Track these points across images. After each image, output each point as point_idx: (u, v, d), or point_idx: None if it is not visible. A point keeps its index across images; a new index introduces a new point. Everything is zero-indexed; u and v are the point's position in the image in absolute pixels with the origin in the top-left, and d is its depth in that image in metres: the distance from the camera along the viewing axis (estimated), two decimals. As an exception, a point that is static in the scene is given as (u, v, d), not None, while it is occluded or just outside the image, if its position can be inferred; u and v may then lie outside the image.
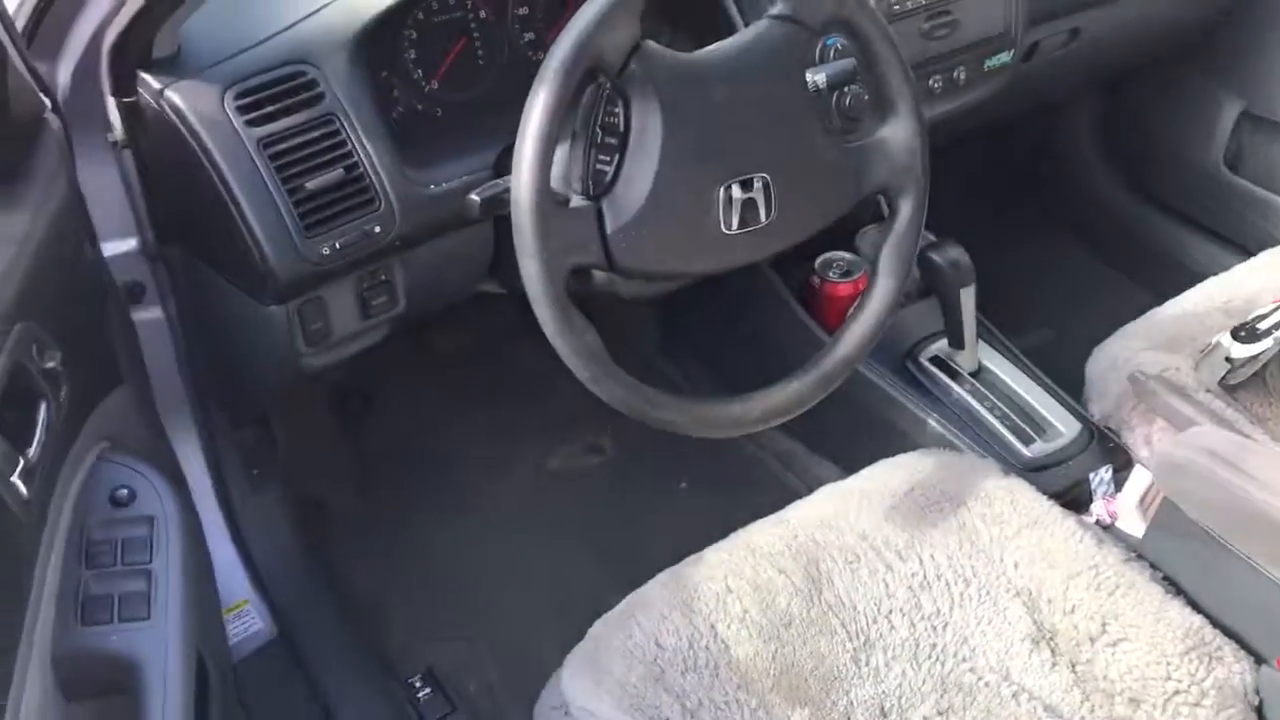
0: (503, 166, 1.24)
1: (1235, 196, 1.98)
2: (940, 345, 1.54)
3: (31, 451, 0.90)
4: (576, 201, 1.04)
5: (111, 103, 1.19)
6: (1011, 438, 1.43)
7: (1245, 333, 1.38)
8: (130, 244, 1.30)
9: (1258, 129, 1.95)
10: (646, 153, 1.01)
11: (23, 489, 0.86)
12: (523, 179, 0.97)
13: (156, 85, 1.15)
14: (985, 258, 1.48)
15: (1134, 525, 1.27)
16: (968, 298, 1.46)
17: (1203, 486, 1.12)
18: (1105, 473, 1.36)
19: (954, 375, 1.51)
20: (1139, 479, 1.35)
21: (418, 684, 1.54)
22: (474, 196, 1.08)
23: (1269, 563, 1.07)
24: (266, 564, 1.52)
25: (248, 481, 1.56)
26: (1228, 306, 1.47)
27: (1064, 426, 1.44)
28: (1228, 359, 1.37)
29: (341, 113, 1.16)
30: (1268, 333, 1.38)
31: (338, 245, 1.15)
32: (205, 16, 1.14)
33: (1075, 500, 1.36)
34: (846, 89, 1.27)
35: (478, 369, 1.94)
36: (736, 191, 1.04)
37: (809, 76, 1.11)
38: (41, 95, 1.15)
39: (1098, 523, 1.29)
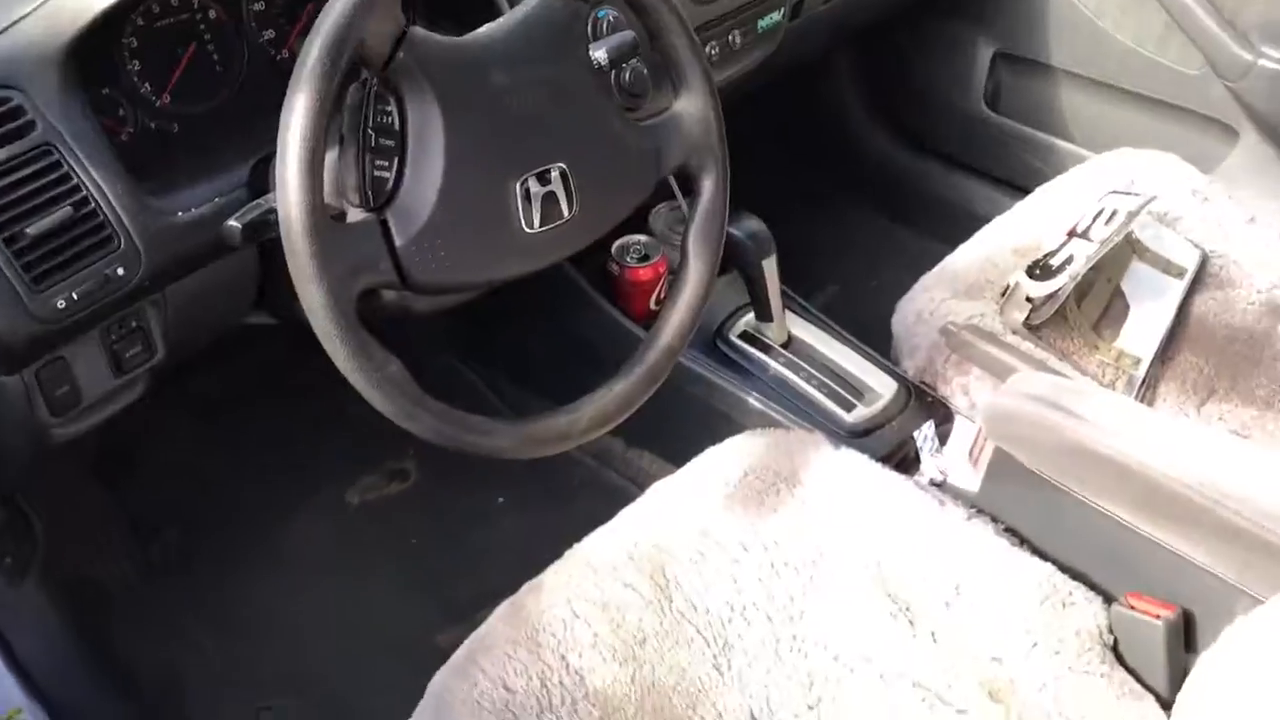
0: (259, 183, 1.10)
1: (999, 135, 2.03)
2: (747, 319, 1.50)
3: None
4: (355, 215, 0.93)
5: None
6: (833, 405, 1.40)
7: (1040, 270, 1.40)
8: None
9: (1012, 67, 2.01)
10: (429, 153, 0.91)
11: None
12: (291, 197, 0.85)
13: None
14: (774, 225, 1.44)
15: (966, 478, 1.26)
16: (770, 268, 1.42)
17: (1034, 432, 1.13)
18: (928, 428, 1.36)
19: (766, 349, 1.47)
20: (963, 431, 1.35)
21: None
22: (233, 223, 0.93)
23: (1107, 501, 1.07)
24: (38, 663, 1.32)
25: (1, 573, 1.35)
26: (1017, 247, 1.50)
27: (881, 387, 1.43)
28: (1028, 298, 1.39)
29: (60, 141, 0.99)
30: (1061, 268, 1.40)
31: (74, 296, 0.99)
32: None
33: (904, 460, 1.35)
34: (626, 64, 1.19)
35: (251, 409, 1.74)
36: (534, 186, 0.96)
37: (592, 53, 1.04)
38: None
39: (931, 481, 1.28)
